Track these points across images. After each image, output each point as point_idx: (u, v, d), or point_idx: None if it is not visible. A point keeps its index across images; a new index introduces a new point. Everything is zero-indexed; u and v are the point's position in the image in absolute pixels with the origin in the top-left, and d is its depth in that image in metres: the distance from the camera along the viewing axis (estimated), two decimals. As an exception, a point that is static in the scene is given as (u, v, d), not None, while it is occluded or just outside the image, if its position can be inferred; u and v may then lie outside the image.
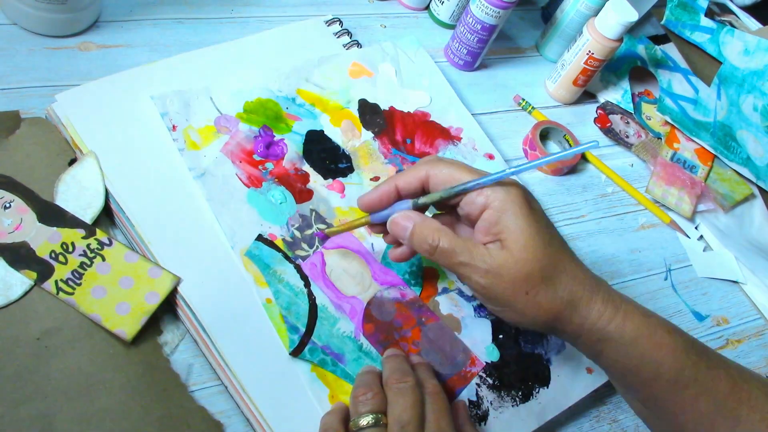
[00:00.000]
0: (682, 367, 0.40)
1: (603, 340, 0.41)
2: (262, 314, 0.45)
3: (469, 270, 0.40)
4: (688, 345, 0.41)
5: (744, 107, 0.73)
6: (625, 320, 0.40)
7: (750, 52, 0.73)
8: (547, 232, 0.40)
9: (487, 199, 0.39)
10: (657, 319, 0.42)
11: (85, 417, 0.39)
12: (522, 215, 0.39)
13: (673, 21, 0.78)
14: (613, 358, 0.41)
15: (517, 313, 0.40)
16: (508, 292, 0.39)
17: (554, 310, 0.40)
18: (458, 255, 0.39)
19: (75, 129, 0.48)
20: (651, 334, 0.40)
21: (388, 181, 0.42)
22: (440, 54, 0.70)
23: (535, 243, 0.39)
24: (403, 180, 0.42)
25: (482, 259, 0.39)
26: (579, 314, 0.40)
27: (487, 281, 0.39)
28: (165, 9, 0.60)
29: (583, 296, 0.40)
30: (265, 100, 0.54)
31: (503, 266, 0.39)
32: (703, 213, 0.69)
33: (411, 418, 0.39)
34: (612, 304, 0.40)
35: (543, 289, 0.39)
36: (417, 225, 0.41)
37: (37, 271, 0.42)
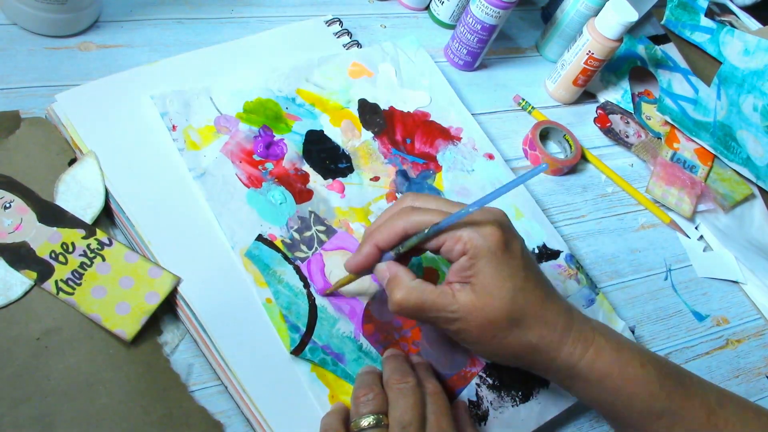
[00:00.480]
0: (656, 399, 0.41)
1: (572, 377, 0.42)
2: (262, 314, 0.45)
3: (438, 320, 0.41)
4: (662, 376, 0.42)
5: (744, 107, 0.73)
6: (596, 357, 0.41)
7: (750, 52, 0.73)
8: (521, 277, 0.40)
9: (464, 246, 0.39)
10: (629, 353, 0.42)
11: (85, 417, 0.39)
12: (494, 262, 0.39)
13: (673, 21, 0.78)
14: (584, 393, 0.43)
15: (487, 352, 0.43)
16: (474, 335, 0.40)
17: (522, 351, 0.41)
18: (425, 310, 0.40)
19: (75, 129, 0.48)
20: (622, 369, 0.41)
21: (369, 242, 0.42)
22: (440, 54, 0.70)
23: (502, 289, 0.39)
24: (382, 239, 0.42)
25: (448, 309, 0.40)
26: (547, 356, 0.41)
27: (456, 327, 0.40)
28: (165, 9, 0.60)
29: (553, 339, 0.41)
30: (265, 100, 0.54)
31: (469, 311, 0.40)
32: (703, 213, 0.69)
33: (412, 419, 0.39)
34: (582, 343, 0.41)
35: (510, 334, 0.40)
36: (389, 279, 0.42)
37: (37, 271, 0.42)
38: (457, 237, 0.39)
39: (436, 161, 0.58)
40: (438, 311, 0.40)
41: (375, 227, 0.43)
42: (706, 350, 0.61)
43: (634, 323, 0.59)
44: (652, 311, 0.61)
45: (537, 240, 0.57)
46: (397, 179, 0.55)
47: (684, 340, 0.60)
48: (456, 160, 0.59)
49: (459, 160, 0.59)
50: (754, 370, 0.61)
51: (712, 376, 0.59)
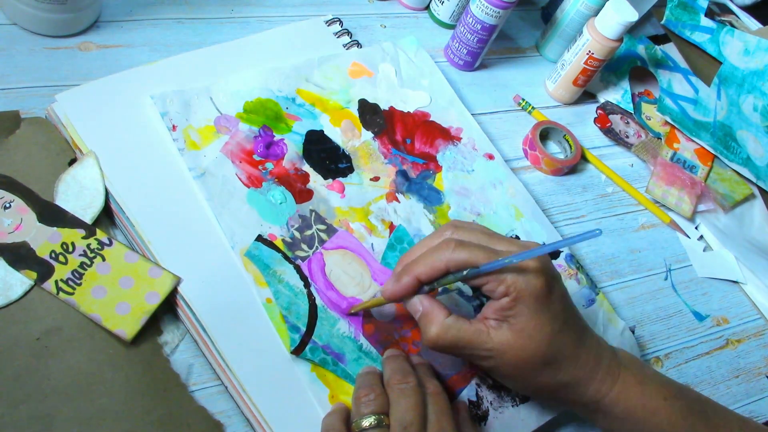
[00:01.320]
0: (678, 430, 0.42)
1: (597, 411, 0.43)
2: (262, 314, 0.45)
3: (471, 357, 0.42)
4: (685, 409, 0.43)
5: (744, 107, 0.73)
6: (620, 392, 0.42)
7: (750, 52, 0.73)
8: (558, 321, 0.41)
9: (508, 289, 0.40)
10: (654, 387, 0.43)
11: (85, 417, 0.39)
12: (536, 306, 0.40)
13: (673, 21, 0.78)
14: (608, 426, 0.44)
15: (520, 387, 0.45)
16: (508, 372, 0.42)
17: (553, 389, 0.42)
18: (459, 348, 0.41)
19: (75, 129, 0.48)
20: (645, 402, 0.43)
21: (409, 273, 0.42)
22: (440, 54, 0.70)
23: (541, 333, 0.40)
24: (424, 273, 0.41)
25: (483, 348, 0.41)
26: (576, 392, 0.43)
27: (488, 364, 0.41)
28: (165, 9, 0.60)
29: (582, 378, 0.42)
30: (265, 100, 0.54)
31: (504, 350, 0.40)
32: (703, 213, 0.69)
33: (413, 419, 0.39)
34: (610, 378, 0.43)
35: (541, 373, 0.41)
36: (422, 314, 0.42)
37: (37, 271, 0.42)
38: (501, 279, 0.40)
39: (436, 161, 0.58)
40: (473, 349, 0.41)
41: (414, 258, 0.42)
42: (706, 350, 0.61)
43: (634, 323, 0.59)
44: (652, 311, 0.61)
45: (537, 240, 0.57)
46: (397, 179, 0.55)
47: (684, 340, 0.60)
48: (456, 160, 0.59)
49: (459, 160, 0.59)
50: (754, 370, 0.61)
51: (712, 376, 0.59)
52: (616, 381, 0.43)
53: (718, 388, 0.59)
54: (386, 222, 0.53)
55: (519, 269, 0.40)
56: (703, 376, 0.59)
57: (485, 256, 0.40)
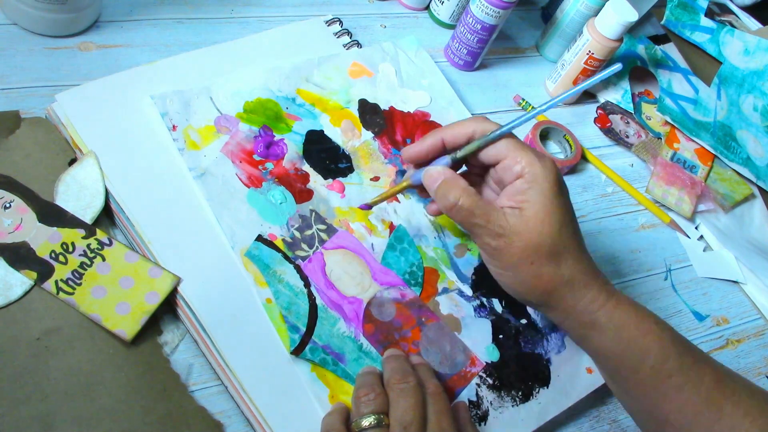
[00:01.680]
0: (668, 356, 0.42)
1: (591, 324, 0.43)
2: (262, 314, 0.45)
3: (483, 231, 0.42)
4: (675, 337, 0.43)
5: (744, 107, 0.73)
6: (616, 307, 0.42)
7: (750, 52, 0.73)
8: (566, 217, 0.42)
9: (523, 169, 0.42)
10: (646, 311, 0.44)
11: (85, 417, 0.39)
12: (549, 193, 0.41)
13: (673, 21, 0.78)
14: (599, 343, 0.43)
15: (517, 280, 0.43)
16: (514, 258, 0.41)
17: (552, 285, 0.42)
18: (475, 216, 0.42)
19: (75, 129, 0.48)
20: (638, 322, 0.43)
21: (434, 134, 0.44)
22: (440, 54, 0.70)
23: (551, 220, 0.41)
24: (450, 134, 0.44)
25: (497, 223, 0.41)
26: (574, 295, 0.42)
27: (497, 243, 0.42)
28: (165, 9, 0.60)
29: (582, 280, 0.42)
30: (265, 100, 0.54)
31: (516, 232, 0.41)
32: (703, 213, 0.69)
33: (413, 419, 0.39)
34: (606, 292, 0.43)
35: (547, 263, 0.41)
36: (444, 180, 0.43)
37: (37, 271, 0.42)
38: (518, 159, 0.42)
39: (436, 161, 0.58)
40: (487, 222, 0.41)
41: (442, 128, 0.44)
42: (706, 350, 0.60)
43: (634, 323, 0.59)
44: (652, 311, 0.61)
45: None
46: (397, 179, 0.55)
47: (684, 340, 0.60)
48: (456, 160, 0.59)
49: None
50: (754, 370, 0.61)
51: (712, 376, 0.59)
52: (611, 296, 0.43)
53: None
54: (386, 222, 0.53)
55: (536, 156, 0.42)
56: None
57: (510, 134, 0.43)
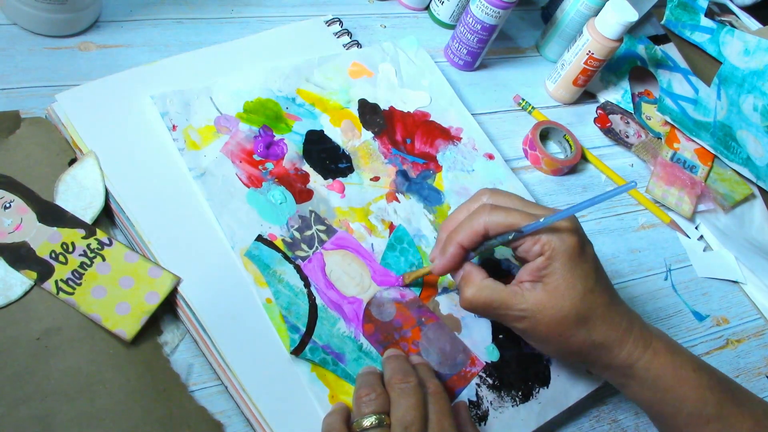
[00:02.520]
0: (705, 402, 0.42)
1: (629, 376, 0.43)
2: (262, 314, 0.45)
3: (507, 317, 0.43)
4: (713, 382, 0.44)
5: (744, 107, 0.73)
6: (653, 358, 0.43)
7: (750, 52, 0.73)
8: (591, 279, 0.42)
9: (542, 247, 0.42)
10: (685, 357, 0.44)
11: (85, 417, 0.39)
12: (569, 264, 0.41)
13: (673, 21, 0.78)
14: (638, 392, 0.44)
15: (553, 350, 0.45)
16: (543, 333, 0.42)
17: (585, 350, 0.43)
18: (494, 308, 0.43)
19: (75, 129, 0.48)
20: (675, 370, 0.43)
21: (452, 242, 0.44)
22: (440, 54, 0.70)
23: (574, 291, 0.41)
24: (466, 238, 0.44)
25: (518, 308, 0.42)
26: (609, 354, 0.43)
27: (523, 326, 0.43)
28: (165, 9, 0.60)
29: (615, 338, 0.43)
30: (265, 100, 0.54)
31: (539, 310, 0.42)
32: (703, 213, 0.69)
33: (414, 419, 0.39)
34: (642, 343, 0.43)
35: (576, 332, 0.42)
36: (462, 276, 0.45)
37: (37, 271, 0.42)
38: (536, 239, 0.42)
39: (436, 161, 0.58)
40: (507, 309, 0.42)
41: (454, 226, 0.45)
42: (706, 350, 0.61)
43: (634, 323, 0.59)
44: (652, 311, 0.61)
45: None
46: (397, 179, 0.55)
47: (684, 340, 0.60)
48: (456, 160, 0.59)
49: (459, 160, 0.59)
50: (754, 370, 0.61)
51: (712, 376, 0.59)
52: (648, 347, 0.43)
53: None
54: (386, 222, 0.53)
55: (553, 230, 0.42)
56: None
57: (522, 217, 0.42)
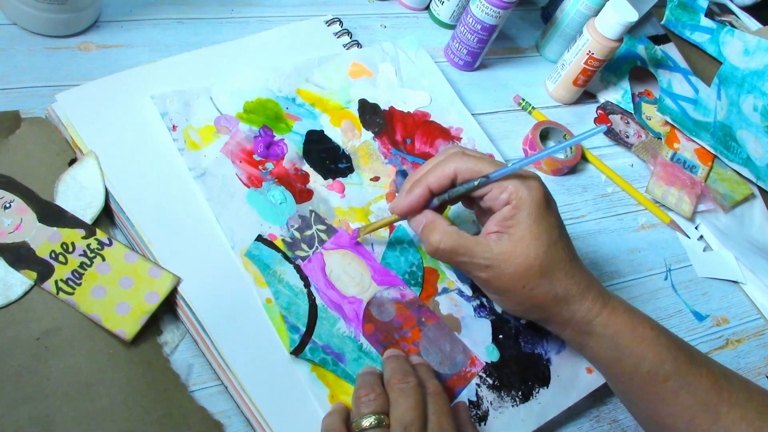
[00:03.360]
0: (663, 360, 0.43)
1: (587, 333, 0.44)
2: (262, 314, 0.45)
3: (470, 266, 0.43)
4: (670, 341, 0.44)
5: (744, 107, 0.73)
6: (611, 315, 0.43)
7: (750, 52, 0.73)
8: (555, 232, 0.43)
9: (510, 195, 0.42)
10: (642, 317, 0.45)
11: (85, 417, 0.39)
12: (535, 214, 0.42)
13: (673, 21, 0.78)
14: (596, 350, 0.44)
15: (513, 302, 0.44)
16: (506, 284, 0.42)
17: (547, 303, 0.43)
18: (459, 254, 0.43)
19: (75, 129, 0.48)
20: (633, 328, 0.43)
21: (420, 184, 0.44)
22: (440, 54, 0.70)
23: (539, 241, 0.42)
24: (435, 180, 0.44)
25: (482, 256, 0.42)
26: (569, 309, 0.43)
27: (486, 275, 0.43)
28: (165, 9, 0.60)
29: (576, 293, 0.43)
30: (265, 100, 0.54)
31: (504, 259, 0.42)
32: (703, 213, 0.69)
33: (414, 419, 0.39)
34: (601, 301, 0.44)
35: (539, 284, 0.42)
36: (426, 224, 0.44)
37: (37, 271, 0.42)
38: (503, 187, 0.42)
39: (436, 161, 0.58)
40: (471, 257, 0.42)
41: (423, 171, 0.45)
42: (706, 350, 0.61)
43: (634, 323, 0.59)
44: (652, 311, 0.61)
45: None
46: (398, 179, 0.55)
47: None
48: (456, 160, 0.59)
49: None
50: (754, 370, 0.61)
51: (712, 376, 0.59)
52: (607, 304, 0.44)
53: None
54: (386, 222, 0.53)
55: (520, 180, 0.42)
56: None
57: (490, 164, 0.43)
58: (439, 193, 0.44)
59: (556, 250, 0.42)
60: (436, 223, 0.44)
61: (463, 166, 0.43)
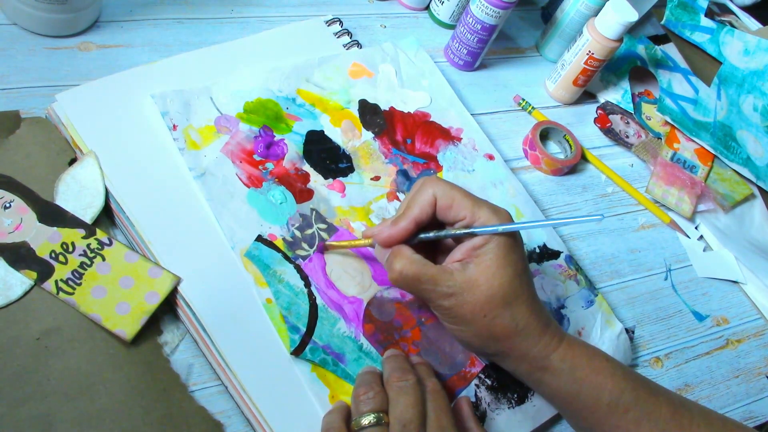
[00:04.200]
0: (622, 391, 0.43)
1: (544, 368, 0.43)
2: (262, 314, 0.45)
3: (433, 294, 0.42)
4: (627, 372, 0.44)
5: (744, 107, 0.73)
6: (568, 349, 0.43)
7: (750, 52, 0.73)
8: (521, 265, 0.43)
9: (482, 225, 0.42)
10: (597, 350, 0.45)
11: (85, 417, 0.39)
12: (504, 248, 0.42)
13: (673, 21, 0.78)
14: (554, 386, 0.44)
15: (471, 333, 0.43)
16: (467, 313, 0.42)
17: (506, 334, 0.42)
18: (421, 282, 0.42)
19: (75, 129, 0.48)
20: (590, 360, 0.44)
21: (407, 218, 0.44)
22: (440, 54, 0.70)
23: (504, 272, 0.42)
24: (419, 209, 0.44)
25: (446, 284, 0.42)
26: (527, 342, 0.43)
27: (449, 303, 0.42)
28: (165, 9, 0.60)
29: (536, 327, 0.43)
30: (265, 100, 0.54)
31: (467, 288, 0.42)
32: (703, 213, 0.69)
33: (413, 417, 0.39)
34: (558, 337, 0.44)
35: (500, 314, 0.42)
36: (392, 252, 0.44)
37: (37, 271, 0.42)
38: (477, 215, 0.42)
39: (436, 161, 0.58)
40: (435, 285, 0.42)
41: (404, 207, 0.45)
42: (706, 350, 0.61)
43: (634, 323, 0.59)
44: (652, 311, 0.61)
45: (537, 240, 0.57)
46: (398, 179, 0.55)
47: (684, 340, 0.60)
48: (456, 160, 0.59)
49: (459, 160, 0.59)
50: (754, 370, 0.61)
51: (712, 376, 0.59)
52: (563, 339, 0.44)
53: (718, 388, 0.59)
54: (386, 222, 0.53)
55: (492, 211, 0.43)
56: (703, 376, 0.59)
57: (467, 197, 0.43)
58: (424, 222, 0.44)
59: (520, 283, 0.42)
60: (402, 250, 0.43)
61: (440, 189, 0.43)
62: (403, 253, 0.43)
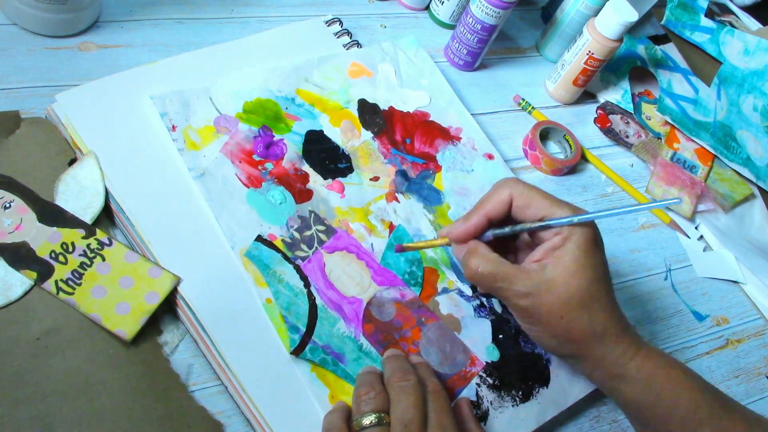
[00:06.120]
0: (698, 406, 0.42)
1: (620, 376, 0.43)
2: (262, 314, 0.45)
3: (509, 293, 0.42)
4: (704, 386, 0.44)
5: (744, 107, 0.73)
6: (645, 359, 0.43)
7: (750, 52, 0.73)
8: (600, 270, 0.42)
9: (561, 228, 0.42)
10: (675, 362, 0.44)
11: (85, 417, 0.39)
12: (584, 249, 0.42)
13: (673, 21, 0.78)
14: (630, 395, 0.43)
15: (548, 334, 0.43)
16: (543, 314, 0.42)
17: (582, 338, 0.42)
18: (497, 280, 0.42)
19: (75, 129, 0.48)
20: (668, 372, 0.43)
21: (478, 213, 0.44)
22: (440, 54, 0.70)
23: (584, 274, 0.41)
24: (491, 207, 0.44)
25: (522, 284, 0.42)
26: (604, 347, 0.42)
27: (525, 303, 0.42)
28: (165, 9, 0.60)
29: (613, 333, 0.42)
30: (265, 100, 0.54)
31: (545, 288, 0.41)
32: (703, 213, 0.69)
33: (414, 417, 0.39)
34: (636, 345, 0.43)
35: (577, 316, 0.41)
36: (468, 250, 0.44)
37: (37, 271, 0.42)
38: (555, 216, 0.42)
39: (435, 161, 0.58)
40: (511, 284, 0.42)
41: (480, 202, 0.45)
42: (706, 350, 0.61)
43: (634, 323, 0.59)
44: (652, 311, 0.61)
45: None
46: (397, 179, 0.55)
47: (684, 340, 0.60)
48: (456, 160, 0.59)
49: (459, 160, 0.59)
50: (754, 370, 0.61)
51: (712, 376, 0.59)
52: (641, 348, 0.43)
53: (718, 388, 0.58)
54: (386, 222, 0.53)
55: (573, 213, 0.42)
56: (703, 376, 0.59)
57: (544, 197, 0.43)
58: (496, 220, 0.44)
59: (599, 287, 0.42)
60: (478, 248, 0.44)
61: (518, 190, 0.44)
62: (479, 251, 0.43)
